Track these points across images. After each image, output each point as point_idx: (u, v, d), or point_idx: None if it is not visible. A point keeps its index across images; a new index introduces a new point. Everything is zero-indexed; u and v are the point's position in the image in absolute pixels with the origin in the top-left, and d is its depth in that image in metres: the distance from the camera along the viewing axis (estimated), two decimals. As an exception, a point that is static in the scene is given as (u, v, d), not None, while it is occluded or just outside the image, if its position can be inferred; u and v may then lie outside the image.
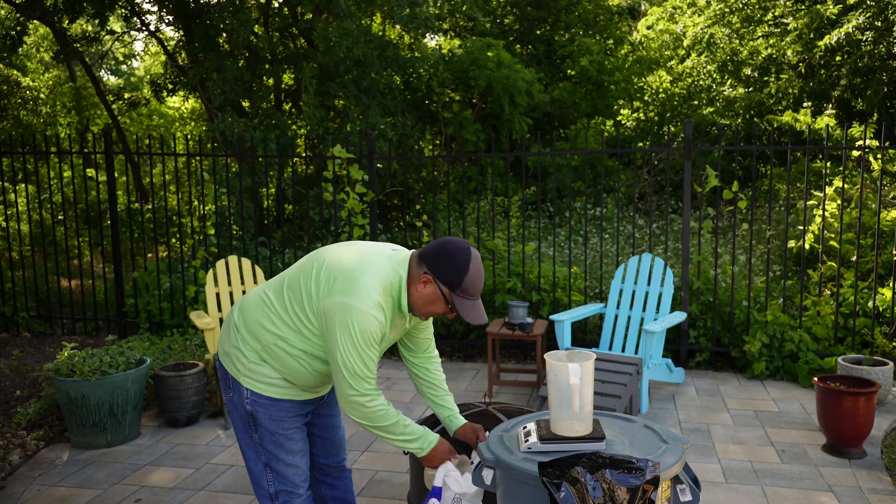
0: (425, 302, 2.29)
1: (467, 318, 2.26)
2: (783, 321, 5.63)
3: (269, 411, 2.39)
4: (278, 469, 2.45)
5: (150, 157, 6.79)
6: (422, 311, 2.32)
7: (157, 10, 10.18)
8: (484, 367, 6.08)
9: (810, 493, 3.69)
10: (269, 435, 2.41)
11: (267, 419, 2.39)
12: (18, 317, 7.19)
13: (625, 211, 9.78)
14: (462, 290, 2.25)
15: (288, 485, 2.47)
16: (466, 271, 2.23)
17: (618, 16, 13.94)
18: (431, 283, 2.26)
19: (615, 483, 1.82)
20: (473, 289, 2.26)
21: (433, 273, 2.25)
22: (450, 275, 2.24)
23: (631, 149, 6.19)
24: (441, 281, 2.25)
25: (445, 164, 10.07)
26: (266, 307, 2.38)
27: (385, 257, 2.32)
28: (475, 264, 2.25)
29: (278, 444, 2.43)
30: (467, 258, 2.24)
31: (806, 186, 5.83)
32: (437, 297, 2.28)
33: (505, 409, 3.17)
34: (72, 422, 4.36)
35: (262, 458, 2.46)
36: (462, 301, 2.26)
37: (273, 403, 2.39)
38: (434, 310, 2.31)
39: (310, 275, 2.33)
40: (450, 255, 2.24)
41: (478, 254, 2.29)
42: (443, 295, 2.27)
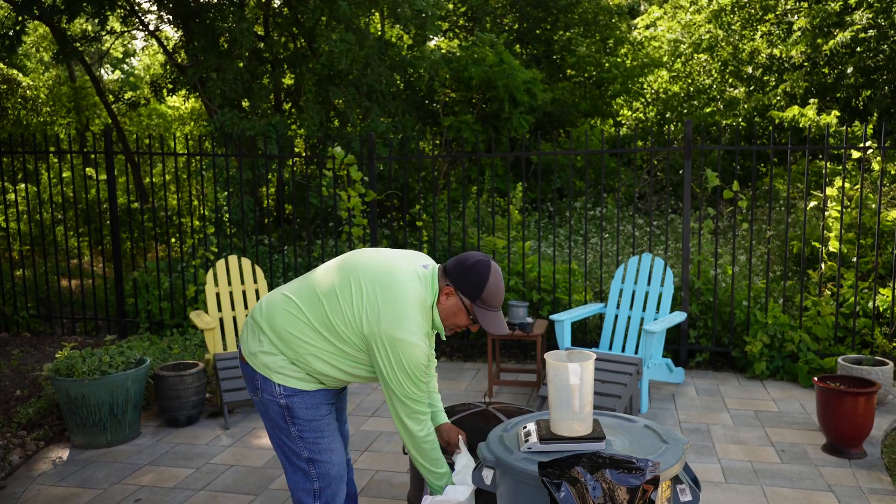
0: (448, 314, 2.38)
1: (489, 328, 2.34)
2: (783, 321, 5.62)
3: (304, 400, 2.44)
4: (323, 460, 2.48)
5: (150, 157, 6.79)
6: (446, 323, 2.40)
7: (156, 10, 10.16)
8: (484, 367, 6.08)
9: (810, 493, 3.69)
10: (308, 423, 2.45)
11: (303, 408, 2.44)
12: (18, 316, 7.19)
13: (625, 211, 9.78)
14: (482, 301, 2.33)
15: (333, 480, 2.51)
16: (486, 282, 2.32)
17: (617, 16, 13.93)
18: (453, 294, 2.35)
19: (615, 483, 1.82)
20: (494, 300, 2.34)
21: (455, 285, 2.35)
22: (470, 286, 2.33)
23: (631, 149, 6.19)
24: (462, 292, 2.34)
25: (445, 164, 10.07)
26: (297, 317, 2.41)
27: (418, 279, 2.39)
28: (495, 276, 2.34)
29: (318, 430, 2.47)
30: (487, 270, 2.34)
31: (806, 186, 5.83)
32: (460, 308, 2.36)
33: (505, 409, 3.17)
34: (72, 421, 4.36)
35: (304, 452, 2.48)
36: (483, 312, 2.34)
37: (308, 393, 2.45)
38: (457, 322, 2.39)
39: (348, 292, 2.37)
40: (470, 267, 2.34)
41: (498, 267, 2.39)
42: (464, 306, 2.35)
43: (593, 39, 12.89)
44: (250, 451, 4.35)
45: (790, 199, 6.35)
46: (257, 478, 3.96)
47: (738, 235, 8.24)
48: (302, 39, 9.93)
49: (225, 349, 5.33)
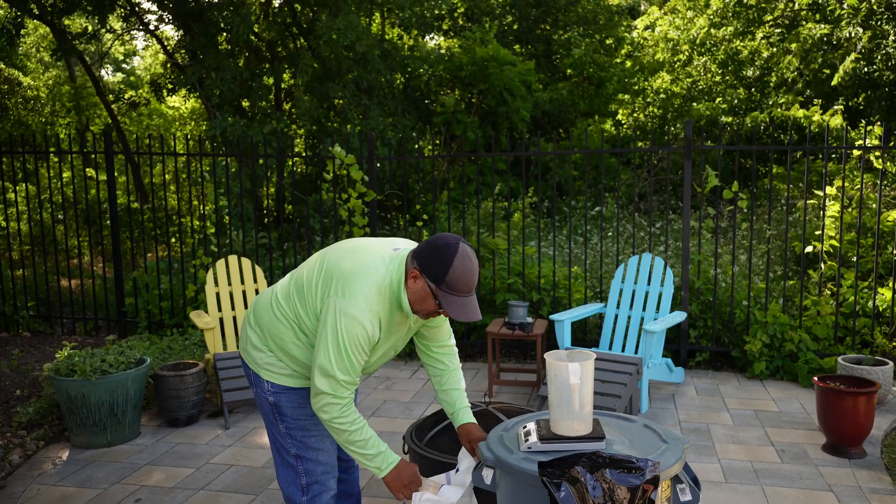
0: (416, 299, 2.24)
1: (453, 314, 2.19)
2: (783, 321, 5.62)
3: (291, 399, 2.43)
4: (309, 457, 2.47)
5: (150, 157, 6.79)
6: (415, 308, 2.27)
7: (156, 10, 10.17)
8: (484, 367, 6.08)
9: (810, 492, 3.69)
10: (295, 422, 2.44)
11: (290, 407, 2.43)
12: (18, 316, 7.19)
13: (625, 210, 9.78)
14: (447, 285, 2.17)
15: (319, 477, 2.49)
16: (451, 265, 2.15)
17: (617, 15, 13.94)
18: (419, 278, 2.21)
19: (615, 483, 1.82)
20: (459, 284, 2.17)
21: (420, 268, 2.20)
22: (435, 268, 2.17)
23: (631, 148, 6.19)
24: (427, 275, 2.19)
25: (445, 164, 10.07)
26: (275, 310, 2.42)
27: (384, 259, 2.29)
28: (462, 259, 2.16)
29: (306, 429, 2.45)
30: (454, 252, 2.16)
31: (806, 186, 5.83)
32: (426, 293, 2.21)
33: (505, 408, 3.17)
34: (72, 421, 4.36)
35: (292, 449, 2.47)
36: (448, 297, 2.18)
37: (294, 391, 2.43)
38: (426, 307, 2.25)
39: (311, 275, 2.36)
40: (437, 248, 2.18)
41: (470, 250, 2.21)
42: (431, 291, 2.20)
43: (593, 39, 12.89)
44: (250, 450, 4.35)
45: (790, 198, 6.35)
46: (257, 478, 3.96)
47: (738, 235, 8.24)
48: (302, 39, 9.93)
49: (225, 349, 5.33)
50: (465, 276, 2.17)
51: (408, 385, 5.61)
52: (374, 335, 2.25)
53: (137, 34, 15.01)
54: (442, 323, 2.56)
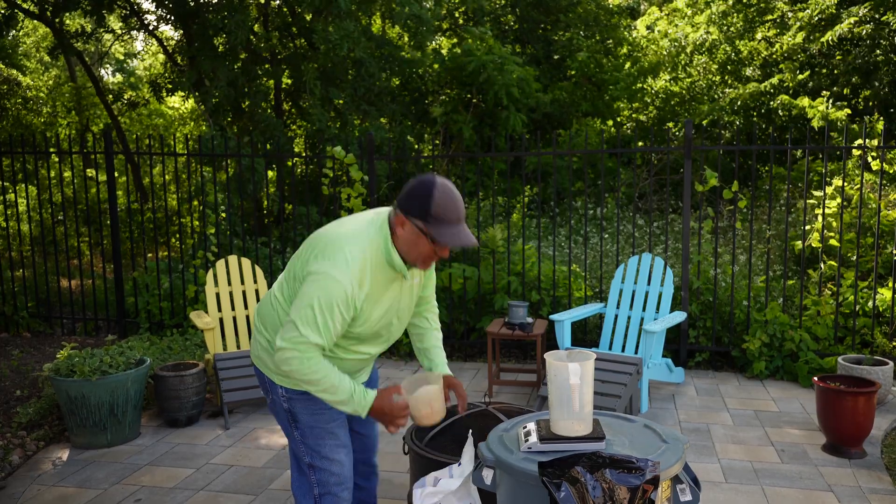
0: (409, 246, 2.21)
1: (450, 242, 2.15)
2: (783, 321, 5.63)
3: (306, 405, 2.39)
4: (322, 467, 2.43)
5: (150, 157, 6.79)
6: (412, 257, 2.24)
7: (156, 10, 10.17)
8: (484, 367, 6.08)
9: (810, 492, 3.69)
10: (310, 429, 2.41)
11: (305, 413, 2.39)
12: (18, 316, 7.19)
13: (625, 211, 9.77)
14: (434, 218, 2.15)
15: (332, 489, 2.44)
16: (432, 196, 2.14)
17: (617, 16, 13.93)
18: (406, 221, 2.18)
19: (615, 483, 1.82)
20: (446, 212, 2.15)
21: (404, 212, 2.18)
22: (419, 206, 2.15)
23: (631, 148, 6.19)
24: (413, 216, 2.17)
25: (444, 164, 10.07)
26: (273, 304, 2.41)
27: (367, 221, 2.28)
28: (442, 189, 2.16)
29: (320, 438, 2.41)
30: (432, 185, 2.16)
31: (806, 186, 5.83)
32: (417, 234, 2.18)
33: (505, 409, 3.17)
34: (72, 422, 4.36)
35: (305, 458, 2.44)
36: (438, 229, 2.15)
37: (308, 397, 2.38)
38: (421, 251, 2.21)
39: (299, 254, 2.36)
40: (415, 188, 2.18)
41: (448, 182, 2.20)
42: (420, 230, 2.17)
43: (593, 41, 12.88)
44: (250, 451, 4.35)
45: (790, 198, 6.35)
46: (257, 478, 3.96)
47: (738, 235, 8.24)
48: (302, 39, 9.93)
49: (225, 349, 5.33)
50: (451, 203, 2.16)
51: (408, 385, 5.60)
52: (356, 297, 2.19)
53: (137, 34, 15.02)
54: (429, 286, 2.57)
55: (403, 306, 2.42)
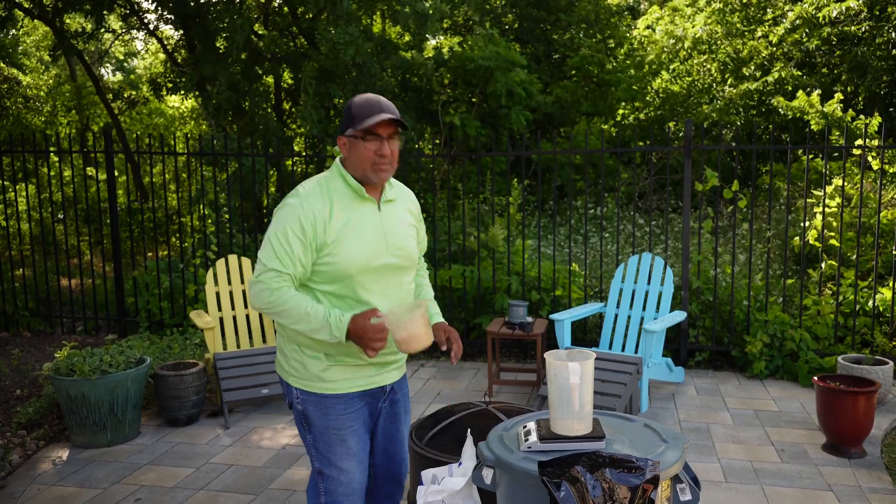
0: (355, 160, 2.31)
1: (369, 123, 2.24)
2: (783, 320, 5.63)
3: (319, 408, 2.36)
4: (331, 475, 2.38)
5: (151, 157, 6.79)
6: (360, 170, 2.31)
7: (156, 10, 10.16)
8: (484, 367, 6.08)
9: (810, 492, 3.69)
10: (321, 434, 2.37)
11: (318, 416, 2.36)
12: (19, 316, 7.19)
13: (625, 210, 9.77)
14: (358, 117, 2.27)
15: (338, 498, 2.39)
16: (350, 105, 2.30)
17: (618, 15, 13.93)
18: (344, 139, 2.32)
19: (615, 482, 1.82)
20: (365, 109, 2.27)
21: (341, 133, 2.34)
22: (345, 121, 2.31)
23: (631, 148, 6.19)
24: (345, 132, 2.31)
25: (445, 164, 10.07)
26: None
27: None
28: (359, 98, 2.31)
29: (330, 443, 2.37)
30: (350, 100, 2.33)
31: (806, 185, 5.83)
32: (353, 143, 2.30)
33: (505, 408, 3.17)
34: (72, 421, 4.36)
35: (315, 463, 2.40)
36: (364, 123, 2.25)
37: (321, 400, 2.35)
38: (362, 157, 2.29)
39: None
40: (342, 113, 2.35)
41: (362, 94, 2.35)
42: (353, 137, 2.29)
43: (594, 40, 12.88)
44: (250, 450, 4.35)
45: (790, 197, 6.35)
46: (257, 477, 3.96)
47: (738, 234, 8.24)
48: (302, 38, 9.92)
49: (225, 348, 5.33)
50: (367, 102, 2.29)
51: (408, 384, 5.60)
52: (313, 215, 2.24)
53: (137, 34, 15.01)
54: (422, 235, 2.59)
55: (397, 243, 2.38)
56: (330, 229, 2.25)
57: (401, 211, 2.44)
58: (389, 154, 2.30)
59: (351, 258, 2.27)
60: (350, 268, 2.28)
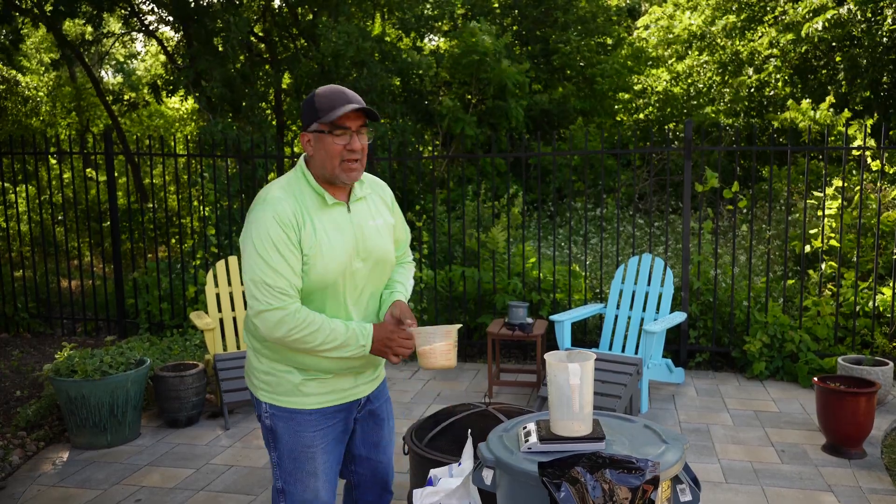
0: (322, 157, 2.14)
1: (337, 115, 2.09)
2: (783, 321, 5.63)
3: (289, 423, 2.25)
4: (294, 494, 2.26)
5: (151, 158, 6.80)
6: (328, 168, 2.15)
7: (156, 11, 10.18)
8: (484, 368, 6.08)
9: (810, 493, 3.69)
10: (288, 451, 2.25)
11: (286, 432, 2.25)
12: (19, 317, 7.19)
13: (625, 211, 9.77)
14: (322, 111, 2.11)
15: None
16: (313, 98, 2.14)
17: (616, 16, 13.95)
18: (308, 135, 2.16)
19: (615, 483, 1.82)
20: (330, 101, 2.12)
21: (304, 129, 2.18)
22: (308, 114, 2.15)
23: (631, 149, 6.20)
24: (309, 126, 2.15)
25: (444, 164, 10.08)
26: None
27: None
28: (322, 89, 2.16)
29: (297, 461, 2.25)
30: (313, 92, 2.17)
31: (806, 187, 5.84)
32: (319, 139, 2.13)
33: (505, 409, 3.17)
34: (72, 422, 4.36)
35: (278, 482, 2.28)
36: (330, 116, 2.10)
37: (292, 415, 2.24)
38: (330, 152, 2.13)
39: None
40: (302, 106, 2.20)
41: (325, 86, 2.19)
42: (321, 133, 2.13)
43: (591, 39, 12.89)
44: (250, 451, 4.35)
45: (790, 199, 6.36)
46: (257, 478, 3.96)
47: (738, 236, 8.24)
48: (302, 40, 9.94)
49: (225, 350, 5.33)
50: (332, 93, 2.14)
51: (408, 385, 5.61)
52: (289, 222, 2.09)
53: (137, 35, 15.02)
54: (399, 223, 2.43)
55: (370, 245, 2.25)
56: (303, 235, 2.12)
57: (373, 207, 2.30)
58: (360, 148, 2.15)
59: (324, 265, 2.15)
60: (324, 275, 2.16)
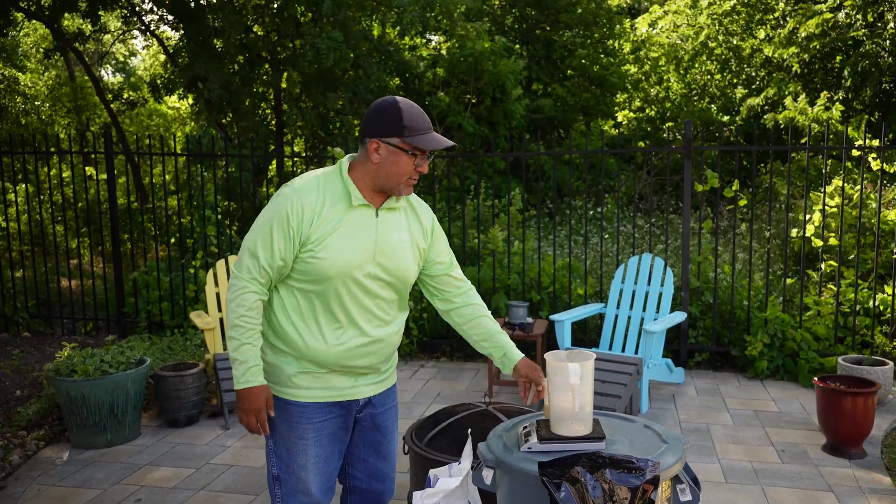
0: (390, 169, 2.15)
1: (430, 146, 2.13)
2: (783, 320, 5.63)
3: (283, 413, 2.27)
4: (288, 482, 2.30)
5: (150, 158, 6.80)
6: (397, 183, 2.17)
7: (156, 10, 10.16)
8: (484, 367, 6.08)
9: (810, 492, 3.69)
10: (283, 440, 2.29)
11: (281, 422, 2.28)
12: (18, 317, 7.19)
13: (625, 211, 9.77)
14: (409, 130, 2.12)
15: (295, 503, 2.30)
16: (400, 110, 2.13)
17: (617, 16, 13.94)
18: (382, 144, 2.14)
19: (615, 483, 1.82)
20: (417, 122, 2.13)
21: (378, 135, 2.14)
22: (391, 125, 2.12)
23: (631, 148, 6.20)
24: (387, 135, 2.13)
25: (444, 164, 10.07)
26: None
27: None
28: (405, 103, 2.15)
29: (291, 451, 2.28)
30: (394, 101, 2.15)
31: (806, 186, 5.83)
32: (395, 153, 2.13)
33: (505, 409, 3.17)
34: (72, 422, 4.36)
35: (274, 468, 2.32)
36: (415, 139, 2.12)
37: (286, 406, 2.27)
38: (402, 169, 2.15)
39: None
40: (378, 111, 2.15)
41: (404, 99, 2.19)
42: (398, 147, 2.13)
43: (593, 40, 12.89)
44: (250, 451, 4.35)
45: (790, 198, 6.36)
46: (257, 478, 3.96)
47: (738, 235, 8.24)
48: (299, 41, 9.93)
49: (225, 349, 5.33)
50: (419, 114, 2.15)
51: (408, 385, 5.61)
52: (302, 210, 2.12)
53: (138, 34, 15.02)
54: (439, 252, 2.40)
55: (388, 253, 2.23)
56: (316, 226, 2.14)
57: (403, 222, 2.29)
58: (426, 172, 2.22)
59: (332, 259, 2.15)
60: (330, 269, 2.16)
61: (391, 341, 2.36)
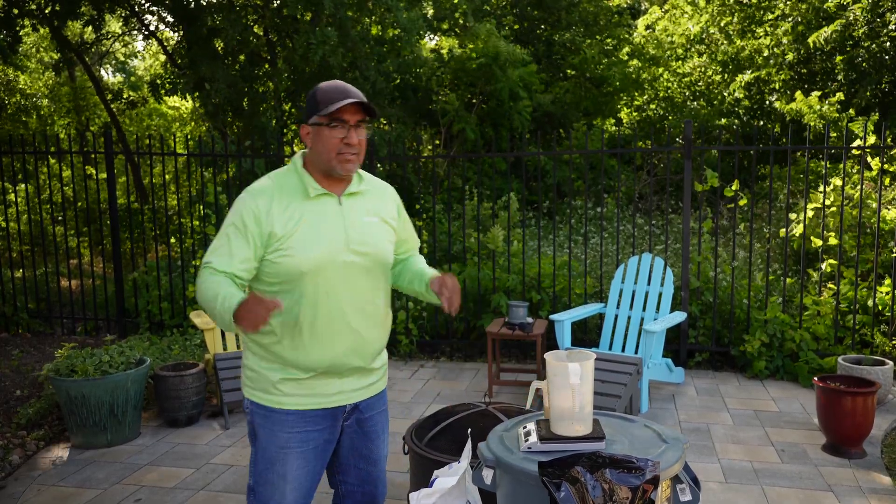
0: (320, 148, 2.19)
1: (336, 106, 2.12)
2: (783, 320, 5.63)
3: (265, 422, 2.25)
4: (262, 494, 2.26)
5: (150, 157, 6.80)
6: (329, 159, 2.18)
7: (156, 10, 10.16)
8: (484, 367, 6.08)
9: (810, 492, 3.69)
10: (262, 451, 2.26)
11: (263, 432, 2.26)
12: (18, 317, 7.19)
13: (625, 211, 9.78)
14: (322, 104, 2.15)
15: None
16: (315, 92, 2.19)
17: (618, 16, 13.94)
18: (308, 128, 2.21)
19: (615, 482, 1.82)
20: (330, 94, 2.16)
21: (305, 122, 2.22)
22: (310, 107, 2.20)
23: (631, 148, 6.20)
24: (309, 120, 2.20)
25: (444, 164, 10.08)
26: None
27: None
28: (325, 84, 2.20)
29: (270, 461, 2.25)
30: (316, 87, 2.21)
31: (806, 186, 5.83)
32: (317, 130, 2.18)
33: (505, 409, 3.17)
34: (72, 422, 4.36)
35: (251, 479, 2.29)
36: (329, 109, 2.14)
37: (269, 413, 2.24)
38: (328, 143, 2.17)
39: None
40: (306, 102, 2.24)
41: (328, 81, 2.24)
42: (318, 125, 2.17)
43: (594, 40, 12.89)
44: (250, 451, 4.35)
45: (790, 198, 6.36)
46: (257, 478, 3.95)
47: (738, 234, 8.24)
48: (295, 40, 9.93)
49: (225, 349, 5.33)
50: (332, 88, 2.18)
51: (407, 385, 5.61)
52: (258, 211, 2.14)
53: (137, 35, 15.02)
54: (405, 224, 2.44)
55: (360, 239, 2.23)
56: (277, 224, 2.14)
57: (369, 205, 2.29)
58: (357, 143, 2.18)
59: (302, 254, 2.14)
60: (301, 265, 2.14)
61: (376, 337, 2.33)
